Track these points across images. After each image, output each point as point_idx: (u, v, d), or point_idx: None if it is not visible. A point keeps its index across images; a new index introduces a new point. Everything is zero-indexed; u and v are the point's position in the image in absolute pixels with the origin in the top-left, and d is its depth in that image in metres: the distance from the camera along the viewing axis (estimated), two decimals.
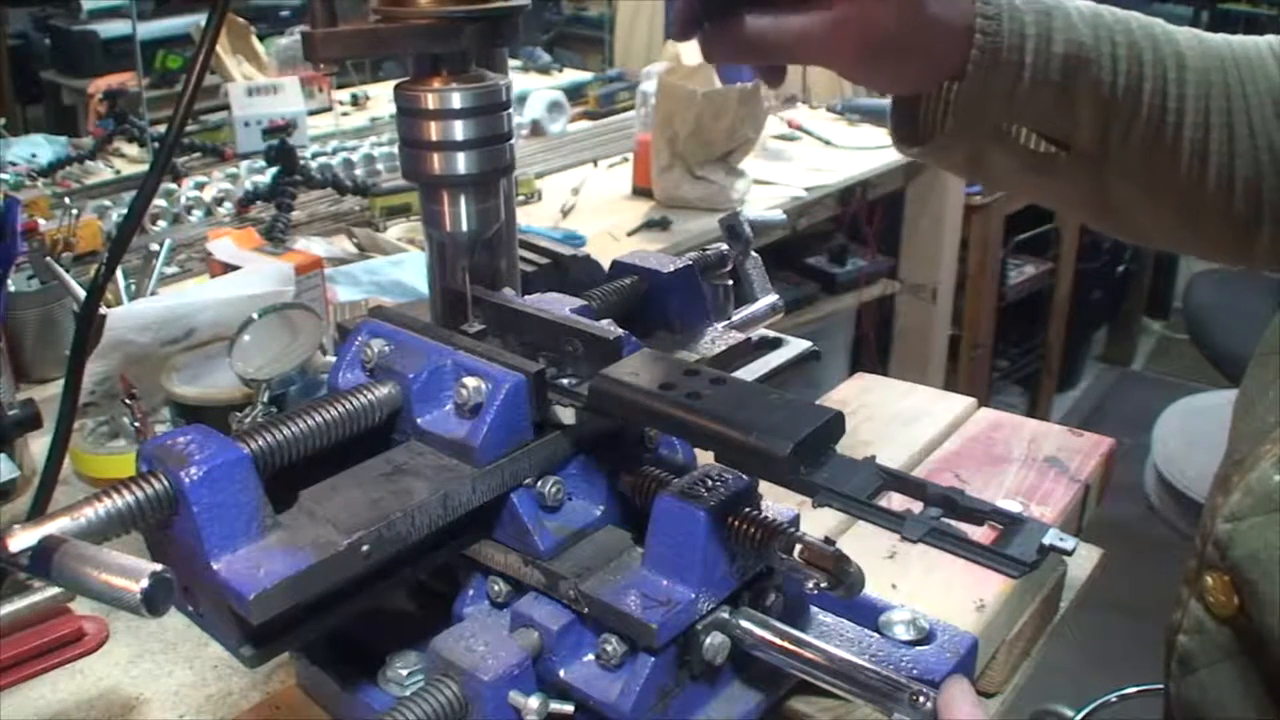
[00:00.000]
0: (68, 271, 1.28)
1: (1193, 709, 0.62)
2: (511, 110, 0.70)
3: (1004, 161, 0.75)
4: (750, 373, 0.82)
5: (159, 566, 0.48)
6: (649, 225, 1.99)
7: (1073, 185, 0.75)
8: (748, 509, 0.64)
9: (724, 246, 0.88)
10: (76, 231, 1.54)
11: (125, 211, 1.82)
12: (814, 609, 0.74)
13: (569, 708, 0.63)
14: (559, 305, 0.73)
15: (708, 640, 0.64)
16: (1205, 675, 0.61)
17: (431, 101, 0.67)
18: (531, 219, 1.96)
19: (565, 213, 2.05)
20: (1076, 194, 0.76)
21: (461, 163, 0.68)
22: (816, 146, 2.55)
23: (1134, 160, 0.72)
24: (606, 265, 0.84)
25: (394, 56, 0.71)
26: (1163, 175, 0.72)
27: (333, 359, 0.83)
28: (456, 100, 0.66)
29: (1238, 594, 0.57)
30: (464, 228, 0.70)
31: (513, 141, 0.71)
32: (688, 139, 2.02)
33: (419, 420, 0.66)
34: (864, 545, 0.78)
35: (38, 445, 1.07)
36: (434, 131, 0.67)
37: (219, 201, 1.99)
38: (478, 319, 0.72)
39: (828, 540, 0.62)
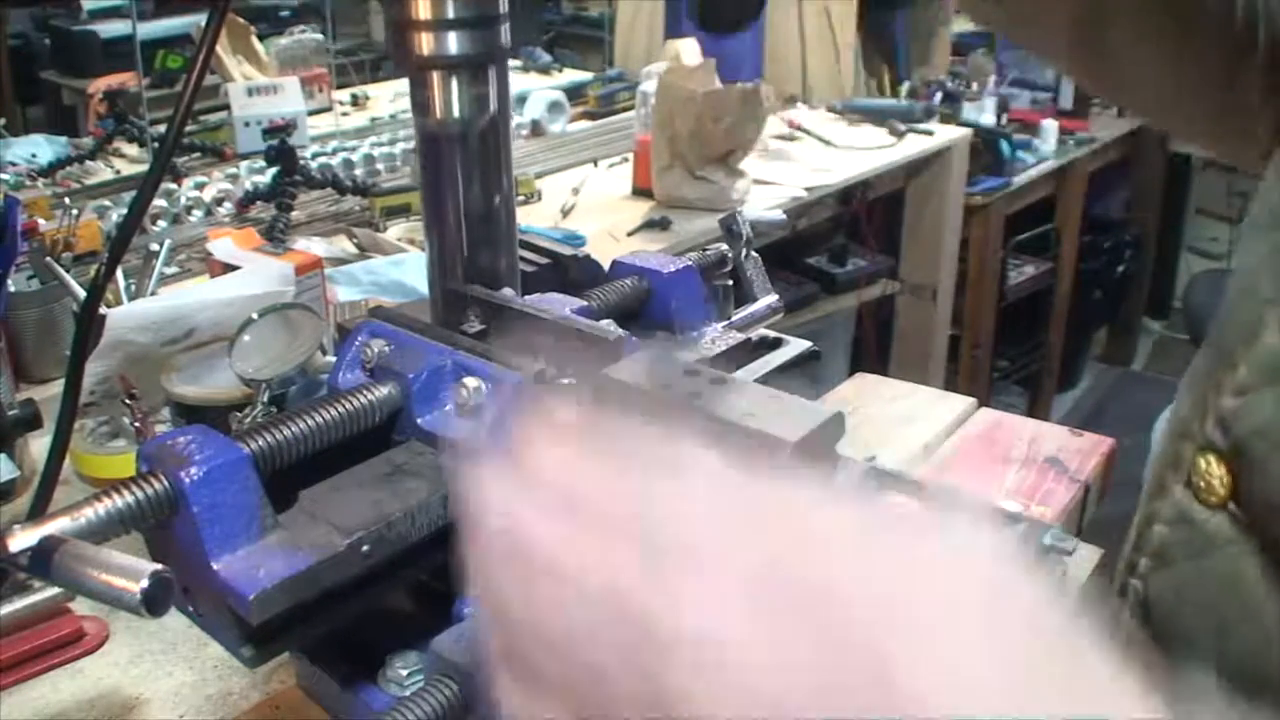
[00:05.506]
0: (68, 271, 1.28)
1: (1163, 607, 0.58)
2: None
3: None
4: (750, 373, 0.82)
5: (159, 566, 0.48)
6: (649, 225, 2.00)
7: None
8: None
9: (724, 246, 0.88)
10: (76, 231, 1.54)
11: (125, 211, 1.82)
12: None
13: None
14: (559, 305, 0.73)
15: None
16: (1186, 568, 0.56)
17: None
18: (531, 219, 1.96)
19: (565, 213, 2.05)
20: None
21: (453, 42, 0.65)
22: (816, 146, 2.55)
23: None
24: (606, 265, 0.84)
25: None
26: None
27: (333, 359, 0.83)
28: None
29: (1234, 476, 0.54)
30: (455, 114, 0.67)
31: (507, 25, 0.67)
32: (688, 139, 2.02)
33: (419, 420, 0.66)
34: None
35: (38, 445, 1.07)
36: (424, 8, 0.64)
37: (219, 201, 1.99)
38: (477, 319, 0.72)
39: None
